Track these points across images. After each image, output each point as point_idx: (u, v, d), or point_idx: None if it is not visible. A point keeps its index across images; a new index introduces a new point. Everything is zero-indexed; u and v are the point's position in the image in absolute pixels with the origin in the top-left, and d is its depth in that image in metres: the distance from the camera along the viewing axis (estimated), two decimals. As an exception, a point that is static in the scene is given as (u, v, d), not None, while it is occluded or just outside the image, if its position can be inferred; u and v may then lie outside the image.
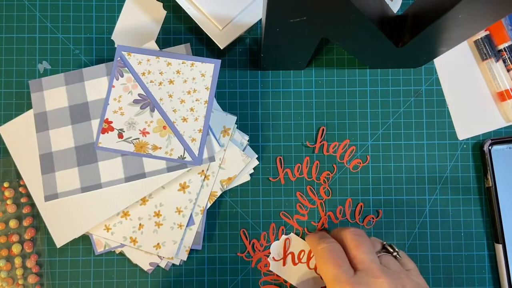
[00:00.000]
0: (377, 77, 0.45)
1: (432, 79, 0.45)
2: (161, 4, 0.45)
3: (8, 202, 0.43)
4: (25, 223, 0.43)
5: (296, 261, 0.42)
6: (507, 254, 0.42)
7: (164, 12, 0.45)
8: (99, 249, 0.42)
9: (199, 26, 0.41)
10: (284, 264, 0.42)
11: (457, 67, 0.45)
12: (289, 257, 0.42)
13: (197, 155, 0.41)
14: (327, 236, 0.39)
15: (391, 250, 0.37)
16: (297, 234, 0.44)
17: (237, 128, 0.44)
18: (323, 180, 0.44)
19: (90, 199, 0.41)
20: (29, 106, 0.43)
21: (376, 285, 0.32)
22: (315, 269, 0.42)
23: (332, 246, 0.36)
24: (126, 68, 0.42)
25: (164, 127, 0.41)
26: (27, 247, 0.43)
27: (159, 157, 0.41)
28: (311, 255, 0.42)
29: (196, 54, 0.44)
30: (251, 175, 0.44)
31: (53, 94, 0.42)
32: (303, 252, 0.42)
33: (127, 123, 0.41)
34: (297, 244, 0.43)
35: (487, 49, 0.43)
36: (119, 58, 0.42)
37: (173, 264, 0.43)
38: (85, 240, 0.43)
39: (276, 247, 0.43)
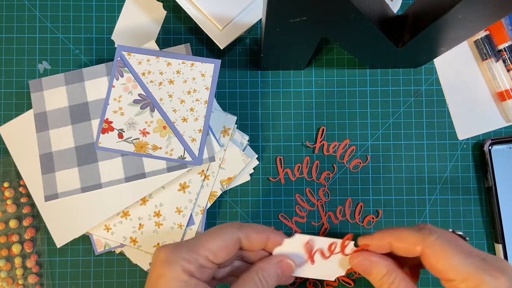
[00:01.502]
0: (377, 77, 0.45)
1: (432, 79, 0.45)
2: (161, 4, 0.45)
3: (8, 202, 0.43)
4: (25, 223, 0.43)
5: (327, 254, 0.36)
6: (507, 254, 0.42)
7: (164, 12, 0.45)
8: (99, 249, 0.42)
9: (199, 26, 0.41)
10: (312, 262, 0.36)
11: (457, 67, 0.45)
12: (318, 254, 0.36)
13: (197, 155, 0.41)
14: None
15: (463, 235, 0.33)
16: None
17: (237, 128, 0.44)
18: (324, 179, 0.44)
19: (90, 199, 0.41)
20: (29, 106, 0.43)
21: (506, 265, 0.29)
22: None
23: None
24: (126, 68, 0.42)
25: (164, 127, 0.41)
26: (27, 247, 0.43)
27: (159, 157, 0.41)
28: (346, 243, 0.35)
29: (196, 54, 0.44)
30: (251, 175, 0.44)
31: (53, 94, 0.42)
32: (333, 245, 0.36)
33: (127, 123, 0.41)
34: (321, 241, 0.36)
35: (487, 49, 0.43)
36: (119, 58, 0.42)
37: (173, 264, 0.43)
38: (85, 240, 0.43)
39: (289, 250, 0.36)
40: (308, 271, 0.36)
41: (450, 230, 0.33)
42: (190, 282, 0.29)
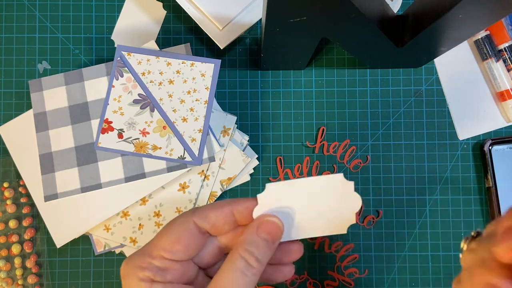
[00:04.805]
0: (377, 77, 0.45)
1: (432, 79, 0.45)
2: (161, 4, 0.45)
3: (8, 202, 0.43)
4: (25, 223, 0.43)
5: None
6: (507, 254, 0.42)
7: (164, 12, 0.45)
8: (99, 249, 0.42)
9: (199, 26, 0.41)
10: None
11: (457, 67, 0.45)
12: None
13: (197, 155, 0.41)
14: None
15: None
16: None
17: (237, 128, 0.44)
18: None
19: (90, 199, 0.41)
20: (29, 106, 0.43)
21: None
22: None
23: None
24: (126, 68, 0.42)
25: (164, 127, 0.41)
26: (26, 247, 0.43)
27: (159, 157, 0.41)
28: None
29: (196, 54, 0.44)
30: (251, 175, 0.44)
31: (53, 94, 0.41)
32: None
33: (127, 123, 0.41)
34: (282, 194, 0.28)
35: (487, 49, 0.43)
36: (119, 58, 0.42)
37: (173, 264, 0.43)
38: (85, 240, 0.43)
39: (271, 207, 0.28)
40: (308, 229, 0.28)
41: (473, 231, 0.26)
42: None
